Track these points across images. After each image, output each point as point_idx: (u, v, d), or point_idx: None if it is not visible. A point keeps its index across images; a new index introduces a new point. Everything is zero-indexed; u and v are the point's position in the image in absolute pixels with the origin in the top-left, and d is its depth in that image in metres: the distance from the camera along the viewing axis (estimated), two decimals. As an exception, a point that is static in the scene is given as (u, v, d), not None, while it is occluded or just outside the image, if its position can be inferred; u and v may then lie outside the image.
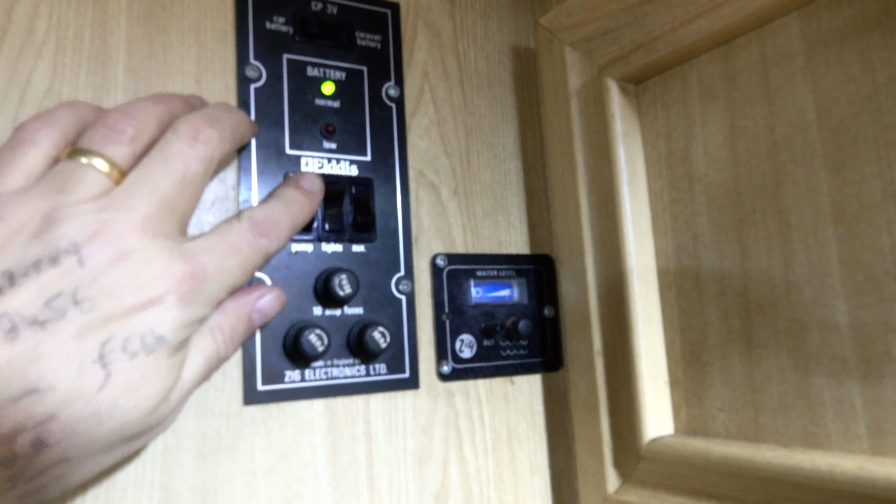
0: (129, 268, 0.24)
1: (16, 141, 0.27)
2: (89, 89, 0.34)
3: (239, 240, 0.29)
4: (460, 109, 0.46)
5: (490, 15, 0.48)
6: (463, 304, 0.43)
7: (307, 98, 0.40)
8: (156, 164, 0.27)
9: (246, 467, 0.35)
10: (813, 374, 0.31)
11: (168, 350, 0.25)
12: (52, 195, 0.25)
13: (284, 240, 0.32)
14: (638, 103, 0.40)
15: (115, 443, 0.25)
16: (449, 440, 0.41)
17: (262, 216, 0.31)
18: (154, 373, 0.25)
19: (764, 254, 0.33)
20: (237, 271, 0.28)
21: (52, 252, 0.23)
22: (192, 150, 0.28)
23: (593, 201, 0.41)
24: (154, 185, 0.26)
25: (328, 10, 0.41)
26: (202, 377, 0.29)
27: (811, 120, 0.31)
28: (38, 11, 0.34)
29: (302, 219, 0.33)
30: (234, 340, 0.31)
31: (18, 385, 0.22)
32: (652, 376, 0.38)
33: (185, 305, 0.25)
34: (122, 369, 0.24)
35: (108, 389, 0.23)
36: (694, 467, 0.34)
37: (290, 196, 0.33)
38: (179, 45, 0.37)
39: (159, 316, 0.25)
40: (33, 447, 0.22)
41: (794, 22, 0.32)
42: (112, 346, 0.23)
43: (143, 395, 0.24)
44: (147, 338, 0.24)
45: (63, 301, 0.23)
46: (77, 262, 0.23)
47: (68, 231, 0.24)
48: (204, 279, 0.26)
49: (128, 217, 0.25)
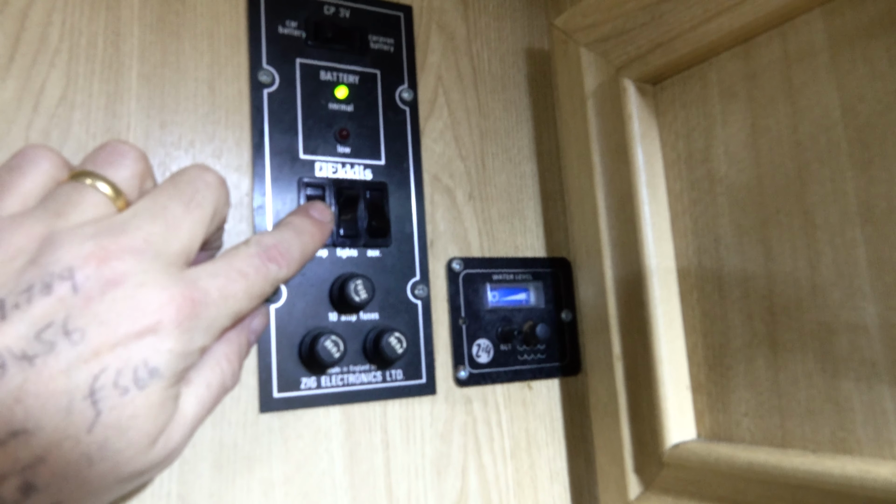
0: (124, 293, 0.22)
1: (15, 162, 0.26)
2: (103, 97, 0.34)
3: (246, 265, 0.27)
4: (475, 112, 0.45)
5: (504, 17, 0.48)
6: (479, 309, 0.42)
7: (321, 102, 0.39)
8: (166, 188, 0.26)
9: (263, 477, 0.35)
10: (841, 378, 0.30)
11: (163, 384, 0.23)
12: (49, 218, 0.24)
13: (295, 268, 0.29)
14: (656, 103, 0.40)
15: (111, 484, 0.23)
16: (467, 447, 0.40)
17: (271, 241, 0.29)
18: (147, 410, 0.23)
19: (789, 255, 0.33)
20: (242, 297, 0.26)
21: (45, 278, 0.22)
22: (202, 179, 0.27)
23: (611, 203, 0.40)
24: (161, 208, 0.25)
25: (341, 14, 0.41)
26: (207, 411, 0.27)
27: (836, 118, 0.31)
28: (51, 20, 0.34)
29: (313, 247, 0.31)
30: (240, 366, 0.29)
31: (4, 426, 0.20)
32: (674, 381, 0.37)
33: (184, 334, 0.24)
34: (113, 406, 0.22)
35: (98, 429, 0.22)
36: (719, 473, 0.34)
37: (300, 224, 0.31)
38: (192, 51, 0.37)
39: (154, 346, 0.23)
40: (21, 492, 0.21)
41: (818, 18, 0.31)
42: (103, 380, 0.22)
43: (136, 435, 0.23)
44: (140, 371, 0.22)
45: (53, 332, 0.21)
46: (71, 289, 0.22)
47: (63, 256, 0.22)
48: (206, 305, 0.24)
49: (128, 240, 0.23)
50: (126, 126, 0.35)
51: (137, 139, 0.35)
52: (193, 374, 0.26)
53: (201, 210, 0.26)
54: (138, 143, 0.35)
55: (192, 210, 0.26)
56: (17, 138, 0.32)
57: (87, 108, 0.34)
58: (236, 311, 0.26)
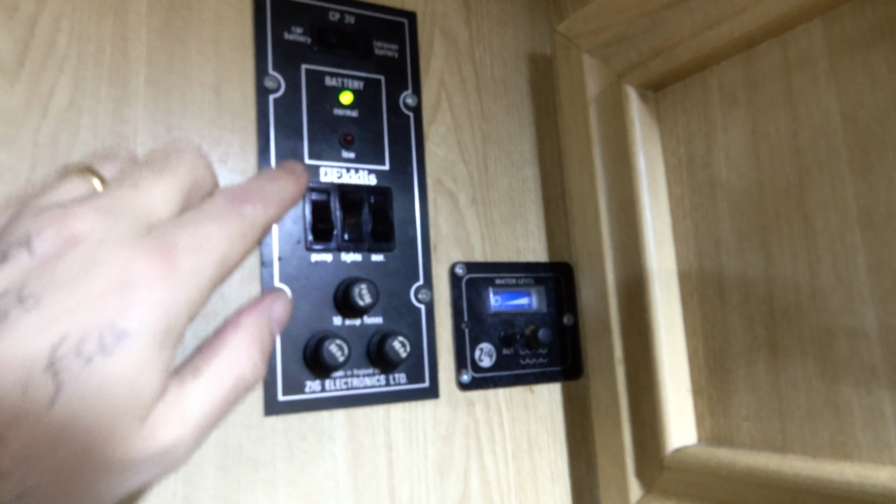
0: (83, 251, 0.20)
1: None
2: (110, 102, 0.35)
3: (213, 208, 0.24)
4: (477, 117, 0.45)
5: (506, 22, 0.48)
6: (482, 313, 0.43)
7: (325, 108, 0.40)
8: (138, 163, 0.25)
9: (267, 478, 0.35)
10: (841, 383, 0.31)
11: (137, 348, 0.20)
12: (29, 200, 0.22)
13: (273, 208, 0.26)
14: (657, 109, 0.40)
15: (96, 474, 0.20)
16: (469, 449, 0.41)
17: (237, 186, 0.26)
18: (118, 381, 0.20)
19: (789, 260, 0.33)
20: (219, 241, 0.23)
21: (3, 248, 0.20)
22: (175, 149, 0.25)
23: (613, 208, 0.40)
24: (130, 175, 0.23)
25: (345, 20, 0.41)
26: (221, 408, 0.24)
27: (836, 125, 0.31)
28: (60, 26, 0.34)
29: (290, 190, 0.28)
30: (264, 358, 0.26)
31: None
32: (675, 384, 0.37)
33: (156, 288, 0.21)
34: (76, 377, 0.19)
35: (60, 405, 0.19)
36: (719, 477, 0.34)
37: (269, 173, 0.28)
38: (199, 56, 0.37)
39: (121, 306, 0.20)
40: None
41: (818, 27, 0.32)
42: (64, 349, 0.19)
43: (107, 411, 0.20)
44: (107, 335, 0.20)
45: (7, 301, 0.19)
46: (27, 255, 0.20)
47: (25, 224, 0.21)
48: (177, 254, 0.22)
49: (89, 204, 0.22)
50: (133, 131, 0.35)
51: (144, 144, 0.35)
52: (204, 364, 0.24)
53: (173, 177, 0.24)
54: (145, 147, 0.35)
55: (162, 176, 0.24)
56: (26, 143, 0.32)
57: (94, 113, 0.34)
58: (219, 257, 0.23)
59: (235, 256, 0.24)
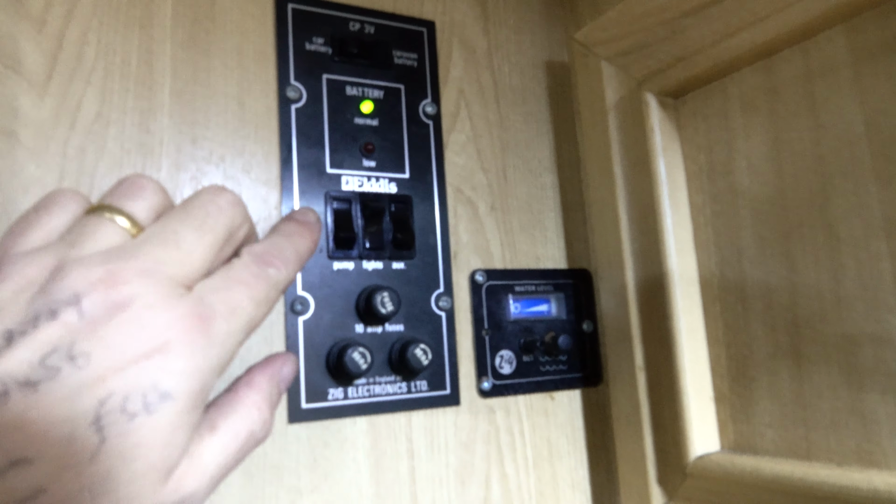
0: (130, 315, 0.22)
1: (44, 203, 0.26)
2: (136, 113, 0.35)
3: (243, 273, 0.26)
4: (496, 125, 0.46)
5: (523, 30, 0.48)
6: (502, 320, 0.43)
7: (346, 117, 0.40)
8: (177, 213, 0.26)
9: (291, 485, 0.35)
10: (866, 391, 0.31)
11: (176, 408, 0.22)
12: (63, 249, 0.23)
13: (293, 268, 0.29)
14: (677, 117, 0.40)
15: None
16: (490, 456, 0.41)
17: (262, 248, 0.28)
18: (154, 437, 0.21)
19: (812, 268, 0.33)
20: (248, 305, 0.25)
21: (51, 305, 0.21)
22: (214, 203, 0.26)
23: (633, 215, 0.40)
24: (172, 233, 0.25)
25: (365, 30, 0.42)
26: (234, 461, 0.25)
27: (860, 132, 0.31)
28: (87, 39, 0.35)
29: (305, 247, 0.30)
30: (270, 418, 0.28)
31: (4, 455, 0.19)
32: (697, 392, 0.37)
33: (196, 352, 0.23)
34: (119, 433, 0.21)
35: (101, 458, 0.20)
36: (743, 485, 0.34)
37: (286, 229, 0.30)
38: (222, 67, 0.38)
39: (164, 367, 0.22)
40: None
41: (840, 34, 0.32)
42: (110, 405, 0.21)
43: (142, 466, 0.21)
44: (150, 395, 0.21)
45: (58, 358, 0.21)
46: (77, 314, 0.21)
47: (71, 283, 0.22)
48: (214, 319, 0.24)
49: (137, 264, 0.23)
50: (159, 142, 0.35)
51: (169, 154, 0.36)
52: (220, 420, 0.25)
53: (213, 234, 0.25)
54: (170, 158, 0.35)
55: (203, 235, 0.25)
56: (55, 154, 0.33)
57: (121, 124, 0.35)
58: (248, 321, 0.25)
59: (260, 317, 0.26)
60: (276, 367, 0.29)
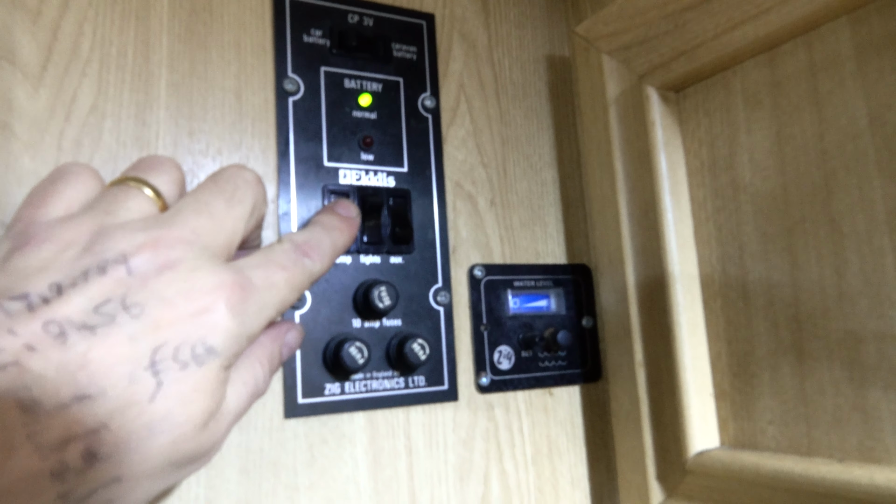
0: (178, 275, 0.23)
1: (57, 174, 0.27)
2: (132, 106, 0.35)
3: (283, 258, 0.28)
4: (496, 120, 0.45)
5: (524, 24, 0.48)
6: (501, 316, 0.42)
7: (345, 110, 0.40)
8: (207, 186, 0.27)
9: (288, 482, 0.35)
10: (869, 387, 0.30)
11: (219, 364, 0.24)
12: (99, 216, 0.25)
13: (328, 262, 0.30)
14: (679, 111, 0.40)
15: (165, 466, 0.23)
16: (489, 453, 0.41)
17: (302, 238, 0.30)
18: (205, 386, 0.23)
19: (815, 263, 0.32)
20: (283, 288, 0.27)
21: (100, 263, 0.23)
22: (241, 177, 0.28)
23: (633, 210, 0.40)
24: (205, 204, 0.26)
25: (364, 23, 0.41)
26: (243, 410, 0.27)
27: (864, 126, 0.31)
28: (83, 30, 0.34)
29: (343, 242, 0.32)
30: (271, 374, 0.30)
31: (68, 390, 0.21)
32: (697, 388, 0.37)
33: (236, 316, 0.24)
34: (174, 379, 0.22)
35: (160, 399, 0.22)
36: (744, 482, 0.34)
37: (328, 222, 0.32)
38: (220, 60, 0.37)
39: (211, 325, 0.23)
40: (84, 459, 0.21)
41: (844, 27, 0.31)
42: (164, 353, 0.22)
43: (195, 410, 0.23)
44: (198, 348, 0.23)
45: (113, 307, 0.22)
46: (125, 271, 0.23)
47: (116, 244, 0.23)
48: (252, 291, 0.25)
49: (178, 231, 0.24)
50: (155, 135, 0.35)
51: (166, 148, 0.35)
52: (233, 370, 0.27)
53: (242, 206, 0.27)
54: (167, 151, 0.35)
55: (233, 206, 0.27)
56: (50, 147, 0.33)
57: (117, 117, 0.34)
58: (280, 301, 0.27)
59: (290, 301, 0.28)
60: (280, 330, 0.31)
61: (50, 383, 0.20)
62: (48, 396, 0.20)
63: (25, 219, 0.25)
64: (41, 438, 0.20)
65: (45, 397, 0.20)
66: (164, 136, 0.35)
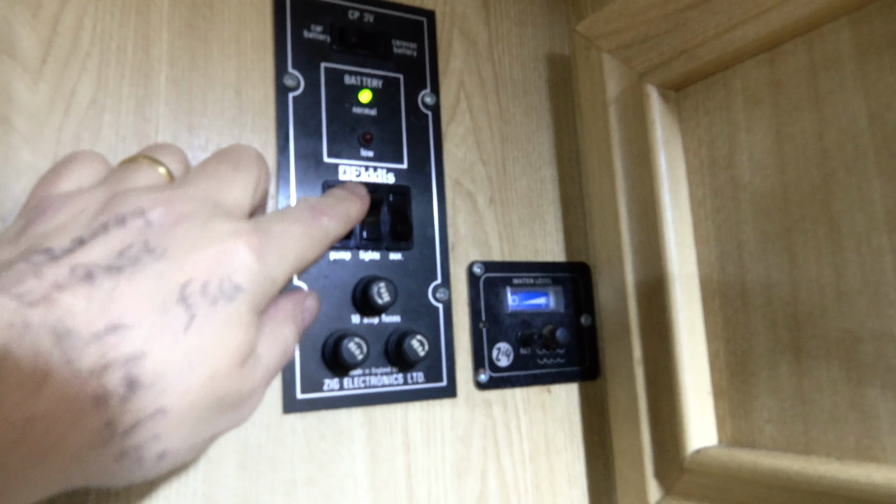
0: (196, 223, 0.24)
1: (67, 157, 0.28)
2: (132, 100, 0.35)
3: (299, 213, 0.29)
4: (496, 117, 0.45)
5: (525, 22, 0.48)
6: (500, 313, 0.42)
7: (345, 106, 0.40)
8: (213, 157, 0.28)
9: (286, 477, 0.35)
10: (867, 386, 0.30)
11: (248, 301, 0.24)
12: (112, 186, 0.25)
13: (343, 226, 0.31)
14: (679, 110, 0.40)
15: (209, 404, 0.23)
16: (487, 450, 0.41)
17: (315, 200, 0.31)
18: (237, 323, 0.24)
19: (814, 263, 0.33)
20: (302, 238, 0.28)
21: (118, 215, 0.23)
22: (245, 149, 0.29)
23: (633, 209, 0.40)
24: (213, 169, 0.27)
25: (365, 19, 0.41)
26: (277, 364, 0.28)
27: (863, 126, 0.31)
28: (83, 24, 0.34)
29: (355, 212, 0.33)
30: (297, 336, 0.30)
31: (101, 321, 0.21)
32: (695, 386, 0.37)
33: (259, 258, 0.25)
34: (206, 313, 0.23)
35: (194, 331, 0.22)
36: (741, 480, 0.34)
37: (339, 193, 0.33)
38: (220, 55, 0.37)
39: (236, 264, 0.24)
40: (126, 385, 0.21)
41: (845, 27, 0.31)
42: (192, 288, 0.23)
43: (230, 344, 0.23)
44: (225, 284, 0.23)
45: (136, 250, 0.22)
46: (144, 223, 0.23)
47: (133, 201, 0.24)
48: (271, 237, 0.26)
49: (190, 190, 0.25)
50: (154, 129, 0.35)
51: (165, 142, 0.35)
52: (263, 327, 0.27)
53: (247, 172, 0.28)
54: (166, 145, 0.35)
55: (239, 171, 0.27)
56: (49, 140, 0.33)
57: (116, 111, 0.34)
58: (299, 251, 0.27)
59: (310, 257, 0.28)
60: (300, 296, 0.31)
61: (82, 314, 0.21)
62: (82, 325, 0.20)
63: (38, 195, 0.26)
64: (79, 364, 0.20)
65: (79, 326, 0.20)
66: (163, 130, 0.35)
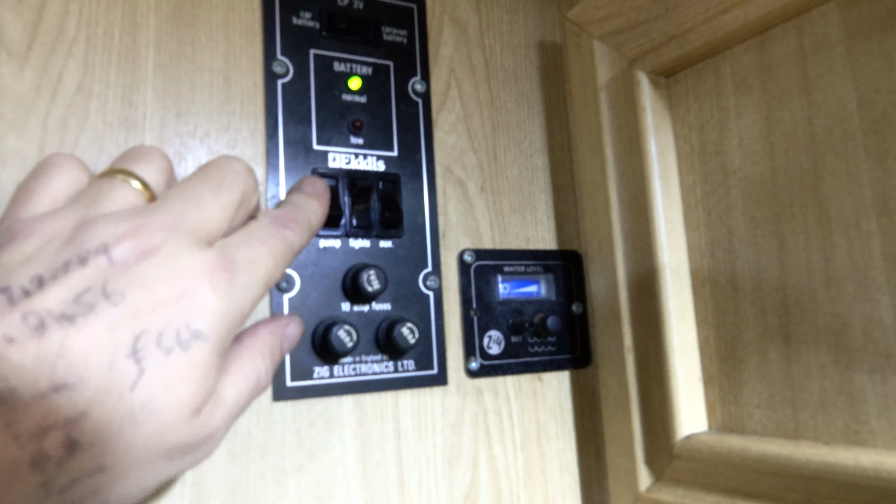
0: (158, 261, 0.23)
1: (40, 169, 0.27)
2: (119, 86, 0.34)
3: (263, 232, 0.28)
4: (487, 105, 0.45)
5: (516, 9, 0.48)
6: (491, 301, 0.42)
7: (334, 93, 0.39)
8: (195, 176, 0.27)
9: (276, 465, 0.35)
10: (855, 370, 0.30)
11: (207, 347, 0.23)
12: (84, 208, 0.25)
13: (306, 233, 0.30)
14: (669, 96, 0.40)
15: (154, 457, 0.23)
16: (478, 438, 0.41)
17: (277, 213, 0.30)
18: (191, 372, 0.23)
19: (803, 248, 0.33)
20: (267, 261, 0.27)
21: (81, 253, 0.23)
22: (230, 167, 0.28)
23: (623, 196, 0.40)
24: (191, 191, 0.26)
25: (354, 5, 0.41)
26: (245, 402, 0.27)
27: (852, 110, 0.31)
28: (69, 9, 0.34)
29: (316, 217, 0.32)
30: (273, 368, 0.29)
31: (45, 381, 0.21)
32: (685, 373, 0.37)
33: (222, 296, 0.24)
34: (157, 366, 0.22)
35: (142, 386, 0.22)
36: (730, 465, 0.34)
37: (297, 200, 0.32)
38: (208, 41, 0.37)
39: (195, 308, 0.23)
40: (65, 448, 0.21)
41: (834, 11, 0.31)
42: (145, 340, 0.22)
43: (180, 396, 0.23)
44: (183, 332, 0.23)
45: (92, 295, 0.22)
46: (106, 261, 0.23)
47: (98, 235, 0.23)
48: (235, 269, 0.25)
49: (160, 219, 0.24)
50: (142, 116, 0.35)
51: (153, 129, 0.35)
52: (231, 363, 0.27)
53: (229, 193, 0.27)
54: (154, 132, 0.35)
55: (220, 193, 0.27)
56: (35, 127, 0.32)
57: (103, 97, 0.34)
58: (265, 275, 0.27)
59: (277, 275, 0.28)
60: (280, 323, 0.31)
61: (28, 373, 0.20)
62: (25, 386, 0.20)
63: (10, 216, 0.25)
64: (19, 427, 0.20)
65: (22, 387, 0.20)
66: (151, 117, 0.35)
